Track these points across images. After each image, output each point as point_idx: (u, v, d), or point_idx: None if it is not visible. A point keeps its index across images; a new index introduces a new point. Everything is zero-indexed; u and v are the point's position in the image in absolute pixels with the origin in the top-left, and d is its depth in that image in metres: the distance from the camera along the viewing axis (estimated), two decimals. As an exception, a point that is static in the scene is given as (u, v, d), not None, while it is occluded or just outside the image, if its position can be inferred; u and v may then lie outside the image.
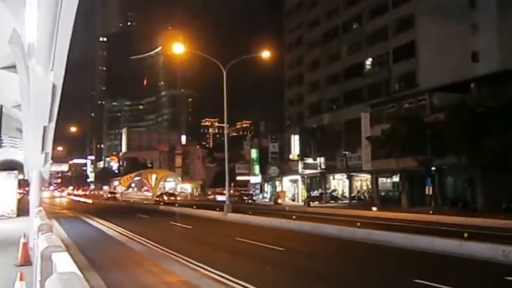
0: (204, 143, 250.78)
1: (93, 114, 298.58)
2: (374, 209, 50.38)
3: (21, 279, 8.25)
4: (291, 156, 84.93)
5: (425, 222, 35.21)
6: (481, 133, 39.60)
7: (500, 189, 44.25)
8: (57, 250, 6.02)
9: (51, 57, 9.33)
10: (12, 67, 13.02)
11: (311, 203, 65.54)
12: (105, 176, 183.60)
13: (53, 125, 14.94)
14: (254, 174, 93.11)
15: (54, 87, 10.57)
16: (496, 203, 43.22)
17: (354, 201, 68.92)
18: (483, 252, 18.11)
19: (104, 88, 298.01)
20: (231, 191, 73.63)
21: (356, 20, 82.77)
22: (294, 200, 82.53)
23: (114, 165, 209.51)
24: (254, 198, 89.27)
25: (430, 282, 13.73)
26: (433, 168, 49.27)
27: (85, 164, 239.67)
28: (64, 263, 5.54)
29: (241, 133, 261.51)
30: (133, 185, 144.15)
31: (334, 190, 78.02)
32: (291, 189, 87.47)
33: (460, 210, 45.19)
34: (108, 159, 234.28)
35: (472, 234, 22.38)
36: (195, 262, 17.35)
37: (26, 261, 14.57)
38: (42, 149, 16.84)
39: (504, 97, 42.19)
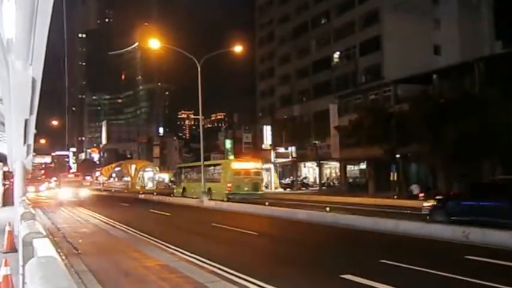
0: (180, 135, 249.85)
1: (74, 108, 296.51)
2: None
3: (5, 265, 8.22)
4: (263, 146, 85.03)
5: (390, 206, 35.51)
6: (442, 123, 39.96)
7: (460, 175, 44.79)
8: (38, 236, 6.00)
9: (29, 52, 9.27)
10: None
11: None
12: (87, 167, 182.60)
13: (34, 117, 14.83)
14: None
15: (33, 81, 10.49)
16: (456, 188, 43.74)
17: (323, 187, 69.29)
18: (444, 233, 18.38)
19: (84, 83, 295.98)
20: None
21: (324, 15, 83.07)
22: (267, 188, 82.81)
23: (95, 157, 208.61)
24: None
25: (395, 262, 13.88)
26: (398, 156, 49.63)
27: (67, 156, 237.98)
28: (44, 248, 5.52)
29: (216, 124, 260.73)
30: (114, 175, 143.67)
31: (305, 177, 78.40)
32: (264, 177, 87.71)
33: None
34: (89, 150, 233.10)
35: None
36: (173, 247, 17.37)
37: (12, 248, 14.50)
38: (24, 141, 16.71)
39: (463, 88, 42.65)
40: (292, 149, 77.85)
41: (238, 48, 51.07)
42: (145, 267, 13.75)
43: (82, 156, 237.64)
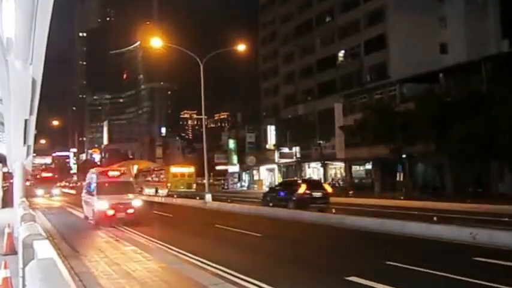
0: (183, 135, 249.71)
1: (74, 108, 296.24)
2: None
3: (5, 267, 8.22)
4: (267, 146, 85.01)
5: (397, 207, 35.45)
6: (448, 122, 39.94)
7: (467, 174, 44.81)
8: (38, 238, 6.00)
9: (29, 51, 9.28)
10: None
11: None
12: (87, 168, 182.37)
13: (34, 118, 14.84)
14: (232, 164, 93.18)
15: (33, 81, 10.50)
16: (464, 188, 43.75)
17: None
18: (451, 235, 18.34)
19: (84, 82, 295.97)
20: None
21: (329, 13, 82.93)
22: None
23: (97, 157, 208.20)
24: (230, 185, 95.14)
25: (401, 264, 13.87)
26: (404, 156, 49.59)
27: (68, 157, 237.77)
28: (44, 250, 5.52)
29: (219, 124, 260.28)
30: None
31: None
32: (267, 177, 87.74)
33: (430, 195, 45.61)
34: (90, 151, 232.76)
35: (441, 217, 22.68)
36: (175, 248, 17.39)
37: (11, 250, 14.49)
38: (24, 142, 16.71)
39: (470, 87, 42.64)
40: (296, 149, 77.67)
41: (241, 47, 51.05)
42: (147, 269, 13.75)
43: (83, 156, 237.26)
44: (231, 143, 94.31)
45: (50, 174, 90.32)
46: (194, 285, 11.46)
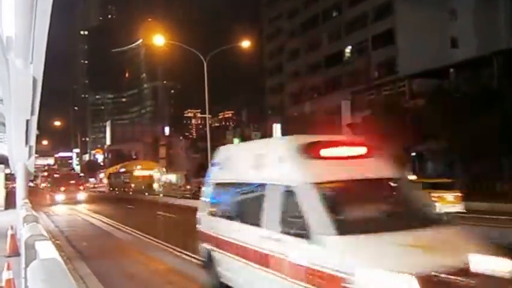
0: (187, 134, 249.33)
1: (76, 108, 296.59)
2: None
3: (8, 268, 8.28)
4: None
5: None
6: (459, 118, 39.75)
7: (479, 172, 44.58)
8: (40, 239, 6.05)
9: (30, 50, 9.33)
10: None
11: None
12: (90, 169, 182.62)
13: (35, 118, 14.88)
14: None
15: (34, 80, 10.54)
16: (475, 187, 43.58)
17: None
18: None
19: (86, 81, 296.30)
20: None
21: (335, 8, 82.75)
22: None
23: (100, 158, 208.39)
24: None
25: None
26: (413, 154, 49.44)
27: (70, 157, 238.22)
28: (47, 250, 5.56)
29: (223, 123, 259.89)
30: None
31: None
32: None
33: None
34: (93, 152, 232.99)
35: (451, 217, 22.66)
36: (179, 249, 17.40)
37: (15, 252, 14.56)
38: (26, 142, 16.76)
39: (481, 82, 42.46)
40: (303, 148, 77.36)
41: (245, 44, 50.80)
42: (151, 271, 13.81)
43: (86, 157, 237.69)
44: (236, 142, 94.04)
45: (75, 172, 71.83)
46: (199, 286, 11.46)
